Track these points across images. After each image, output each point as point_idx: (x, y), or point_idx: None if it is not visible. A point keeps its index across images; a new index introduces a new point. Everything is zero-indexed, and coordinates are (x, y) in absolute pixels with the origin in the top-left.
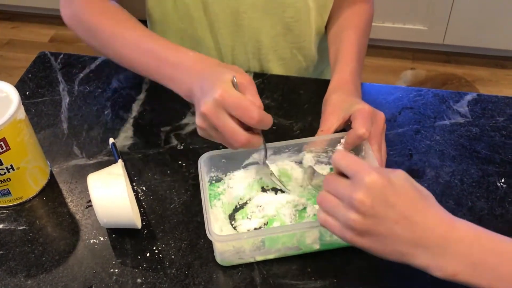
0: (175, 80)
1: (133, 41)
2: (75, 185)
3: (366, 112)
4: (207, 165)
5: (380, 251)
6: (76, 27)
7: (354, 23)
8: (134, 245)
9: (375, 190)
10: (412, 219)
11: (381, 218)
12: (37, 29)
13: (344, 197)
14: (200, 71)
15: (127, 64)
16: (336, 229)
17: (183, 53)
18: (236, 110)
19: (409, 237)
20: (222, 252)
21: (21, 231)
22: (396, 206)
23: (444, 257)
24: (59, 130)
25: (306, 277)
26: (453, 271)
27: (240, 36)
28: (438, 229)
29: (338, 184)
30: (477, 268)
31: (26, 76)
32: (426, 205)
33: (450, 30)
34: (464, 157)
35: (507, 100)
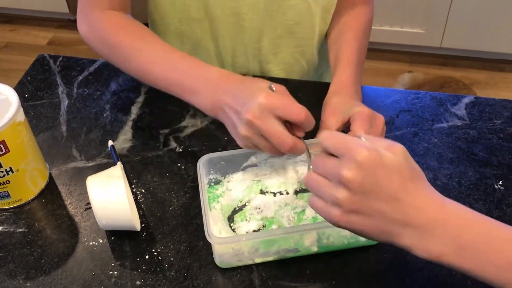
0: (198, 94)
1: (155, 56)
2: (74, 188)
3: (365, 115)
4: (206, 167)
5: (366, 231)
6: (94, 43)
7: (354, 26)
8: (133, 247)
9: (365, 168)
10: (402, 199)
11: (370, 196)
12: (35, 31)
13: (332, 175)
14: (226, 85)
15: (149, 79)
16: (322, 209)
17: (207, 68)
18: (283, 110)
19: (398, 218)
20: (221, 254)
21: (20, 233)
22: (386, 186)
23: (431, 238)
24: (58, 132)
25: (305, 279)
26: (438, 253)
27: (241, 37)
28: (428, 210)
29: (326, 163)
30: (465, 251)
31: (25, 78)
32: (417, 185)
33: (447, 33)
34: (462, 159)
35: (504, 103)
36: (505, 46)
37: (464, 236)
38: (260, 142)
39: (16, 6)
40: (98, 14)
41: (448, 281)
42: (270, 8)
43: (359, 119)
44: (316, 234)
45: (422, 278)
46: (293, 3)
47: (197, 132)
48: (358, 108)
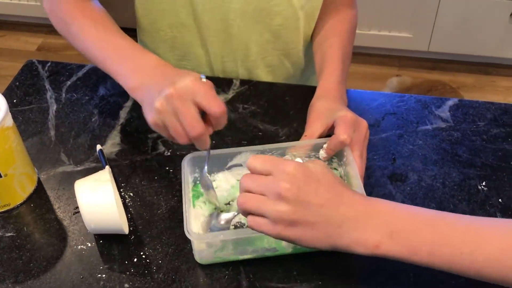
0: (127, 74)
1: (97, 34)
2: (63, 192)
3: (349, 119)
4: (191, 165)
5: (310, 239)
6: (53, 19)
7: (339, 31)
8: (122, 250)
9: (297, 178)
10: (334, 200)
11: (307, 204)
12: (25, 37)
13: (269, 191)
14: (160, 71)
15: (89, 56)
16: (265, 226)
17: (145, 53)
18: (204, 97)
19: (334, 217)
20: (200, 250)
21: (8, 237)
22: (319, 191)
23: (365, 230)
24: (46, 137)
25: (292, 280)
26: (375, 242)
27: (229, 44)
28: (357, 205)
29: (259, 180)
30: (396, 236)
31: (14, 84)
32: (344, 188)
33: (435, 37)
34: (446, 161)
35: (487, 105)
36: (492, 50)
37: (395, 223)
38: (170, 121)
39: (5, 12)
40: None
41: (433, 281)
42: (258, 14)
43: (342, 123)
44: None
45: (408, 279)
46: (281, 9)
47: None
48: (342, 113)
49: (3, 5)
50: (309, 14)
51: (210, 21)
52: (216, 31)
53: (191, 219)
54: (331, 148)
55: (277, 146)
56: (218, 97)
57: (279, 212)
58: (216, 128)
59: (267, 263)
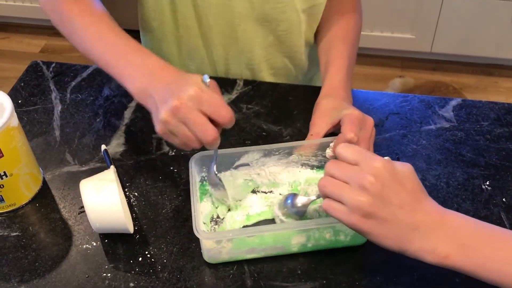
0: (132, 78)
1: (98, 34)
2: (68, 192)
3: (355, 117)
4: (198, 165)
5: (380, 235)
6: (50, 14)
7: (344, 35)
8: (127, 249)
9: (383, 175)
10: (413, 205)
11: (387, 201)
12: (28, 39)
13: (353, 179)
14: (161, 75)
15: (90, 56)
16: (341, 212)
17: (146, 56)
18: (210, 107)
19: (408, 222)
20: (208, 249)
21: (14, 237)
22: (400, 193)
23: (436, 239)
24: (51, 137)
25: (296, 279)
26: (444, 253)
27: (234, 46)
28: (433, 215)
29: (345, 168)
30: (466, 249)
31: (19, 85)
32: (423, 195)
33: (437, 38)
34: (450, 160)
35: (491, 105)
36: (494, 51)
37: (465, 236)
38: (180, 130)
39: (8, 14)
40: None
41: (436, 280)
42: (262, 18)
43: (349, 121)
44: (304, 233)
45: (411, 278)
46: (286, 15)
47: None
48: (348, 111)
49: (6, 7)
50: (311, 17)
51: (215, 24)
52: (221, 34)
53: (199, 219)
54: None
55: (284, 145)
56: (224, 101)
57: (359, 201)
58: (225, 128)
59: (272, 262)
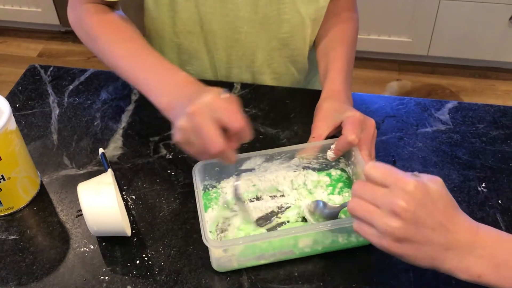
0: (157, 92)
1: (127, 52)
2: (65, 195)
3: (356, 119)
4: (201, 173)
5: (413, 257)
6: (78, 31)
7: (342, 38)
8: (124, 252)
9: (415, 198)
10: (446, 225)
11: (420, 225)
12: (26, 43)
13: (383, 204)
14: (187, 90)
15: (120, 74)
16: (372, 236)
17: (173, 72)
18: (224, 113)
19: (442, 243)
20: (218, 258)
21: (12, 240)
22: (433, 214)
23: (470, 260)
24: (49, 141)
25: (293, 281)
26: (478, 272)
27: (236, 50)
28: (466, 234)
29: (375, 192)
30: (500, 268)
31: (16, 88)
32: (456, 213)
33: (434, 41)
34: (446, 162)
35: (487, 107)
36: (491, 54)
37: (500, 255)
38: (194, 138)
39: (6, 18)
40: (85, 7)
41: (433, 282)
42: (266, 22)
43: (350, 123)
44: (311, 236)
45: (408, 279)
46: (288, 17)
47: None
48: (349, 113)
49: (4, 12)
50: (316, 21)
51: (218, 29)
52: (223, 39)
53: (207, 227)
54: (339, 149)
55: (286, 149)
56: (239, 111)
57: (390, 227)
58: (241, 142)
59: (269, 265)
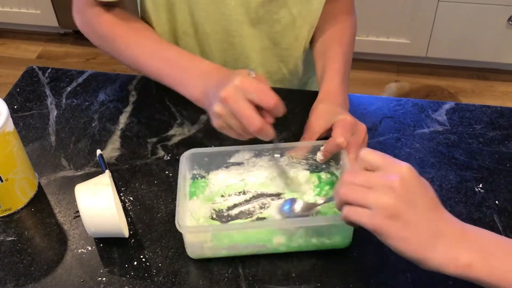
0: (188, 85)
1: (148, 49)
2: (63, 196)
3: (347, 122)
4: (190, 162)
5: (403, 240)
6: (90, 35)
7: (339, 38)
8: (122, 254)
9: (408, 179)
10: (435, 211)
11: (412, 204)
12: (25, 45)
13: (378, 183)
14: (214, 77)
15: (143, 71)
16: (364, 216)
17: (198, 61)
18: (255, 93)
19: (432, 228)
20: (191, 244)
21: (9, 241)
22: (423, 198)
23: (460, 248)
24: (47, 142)
25: (291, 282)
26: (467, 262)
27: (230, 52)
28: (454, 225)
29: (368, 175)
30: (488, 259)
31: (14, 90)
32: (443, 208)
33: (432, 43)
34: (443, 163)
35: (484, 108)
36: (490, 55)
37: (488, 246)
38: (232, 121)
39: (5, 20)
40: (93, 10)
41: (430, 282)
42: (257, 22)
43: (340, 126)
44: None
45: (406, 280)
46: (280, 17)
47: (184, 140)
48: (341, 116)
49: (3, 14)
50: (309, 23)
51: (212, 32)
52: (217, 41)
53: (185, 213)
54: (328, 151)
55: (276, 146)
56: (269, 88)
57: (385, 200)
58: (276, 116)
59: (266, 265)
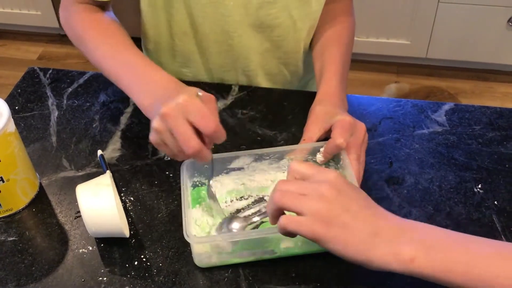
0: (138, 93)
1: (110, 51)
2: (64, 197)
3: (346, 123)
4: (190, 170)
5: (343, 242)
6: (67, 31)
7: (338, 40)
8: (122, 253)
9: (338, 184)
10: (371, 210)
11: (346, 206)
12: (25, 46)
13: (309, 190)
14: (165, 90)
15: (104, 72)
16: (302, 224)
17: (154, 70)
18: (196, 116)
19: (370, 227)
20: (199, 254)
21: (11, 242)
22: (357, 200)
23: (400, 244)
24: (48, 143)
25: (290, 282)
26: (410, 256)
27: (230, 54)
28: (393, 220)
29: (299, 182)
30: (431, 251)
31: (16, 91)
32: (378, 207)
33: (432, 44)
34: (442, 164)
35: (483, 109)
36: (490, 56)
37: (429, 239)
38: (168, 140)
39: (6, 22)
40: (75, 8)
41: (428, 283)
42: (257, 25)
43: (339, 127)
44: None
45: (404, 280)
46: (280, 21)
47: None
48: (340, 117)
49: (3, 15)
50: (311, 26)
51: (210, 32)
52: (216, 42)
53: (190, 223)
54: (328, 152)
55: (276, 150)
56: (214, 113)
57: (318, 208)
58: (215, 142)
59: (266, 266)
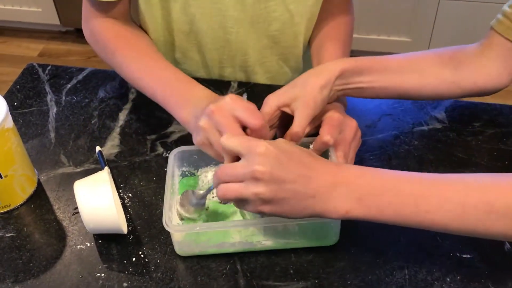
0: (176, 107)
1: (144, 67)
2: (62, 193)
3: (335, 120)
4: (179, 159)
5: (288, 212)
6: (94, 46)
7: (336, 36)
8: (120, 250)
9: (269, 158)
10: (305, 175)
11: (281, 182)
12: (26, 43)
13: (245, 176)
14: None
15: (138, 87)
16: (250, 207)
17: (193, 85)
18: (243, 112)
19: (307, 191)
20: (178, 242)
21: (9, 238)
22: (290, 168)
23: (335, 200)
24: (46, 139)
25: (289, 278)
26: (345, 209)
27: (227, 50)
28: (326, 176)
29: (234, 169)
30: (363, 200)
31: (14, 87)
32: (312, 159)
33: (434, 41)
34: (442, 161)
35: (483, 106)
36: None
37: (360, 188)
38: (213, 137)
39: (6, 18)
40: (98, 21)
41: (428, 278)
42: (255, 20)
43: (327, 124)
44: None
45: (403, 276)
46: (277, 15)
47: (183, 137)
48: (329, 113)
49: (4, 12)
50: (309, 20)
51: (208, 28)
52: (214, 38)
53: (172, 211)
54: (316, 148)
55: None
56: (259, 112)
57: (257, 194)
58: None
59: (264, 262)
